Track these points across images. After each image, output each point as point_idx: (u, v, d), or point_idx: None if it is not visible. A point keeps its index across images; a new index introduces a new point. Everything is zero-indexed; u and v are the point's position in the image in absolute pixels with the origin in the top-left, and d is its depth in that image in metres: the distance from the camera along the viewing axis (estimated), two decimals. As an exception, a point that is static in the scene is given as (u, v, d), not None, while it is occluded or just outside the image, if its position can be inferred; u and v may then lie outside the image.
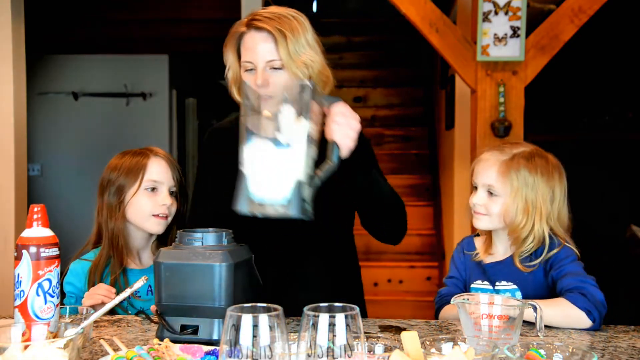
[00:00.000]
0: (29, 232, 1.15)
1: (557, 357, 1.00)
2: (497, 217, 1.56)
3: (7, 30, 3.54)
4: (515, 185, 1.53)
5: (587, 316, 1.39)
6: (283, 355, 0.83)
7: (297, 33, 1.55)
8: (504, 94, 2.97)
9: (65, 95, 6.23)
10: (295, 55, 1.54)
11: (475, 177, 1.61)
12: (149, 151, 1.75)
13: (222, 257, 1.25)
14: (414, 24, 2.99)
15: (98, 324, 1.43)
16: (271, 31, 1.53)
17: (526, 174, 1.53)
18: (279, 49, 1.53)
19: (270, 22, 1.54)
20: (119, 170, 1.72)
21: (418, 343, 0.94)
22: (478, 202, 1.58)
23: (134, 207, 1.71)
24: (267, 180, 1.27)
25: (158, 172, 1.72)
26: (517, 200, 1.53)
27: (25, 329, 1.04)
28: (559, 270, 1.50)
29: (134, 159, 1.73)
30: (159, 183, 1.72)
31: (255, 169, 1.27)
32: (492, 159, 1.58)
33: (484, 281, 1.61)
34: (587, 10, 2.93)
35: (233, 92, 1.68)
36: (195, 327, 1.26)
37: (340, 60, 6.69)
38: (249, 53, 1.56)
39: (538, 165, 1.55)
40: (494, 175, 1.56)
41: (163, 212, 1.71)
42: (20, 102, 3.66)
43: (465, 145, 3.85)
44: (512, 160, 1.55)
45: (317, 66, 1.59)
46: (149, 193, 1.71)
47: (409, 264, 4.89)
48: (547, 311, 1.36)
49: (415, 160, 5.73)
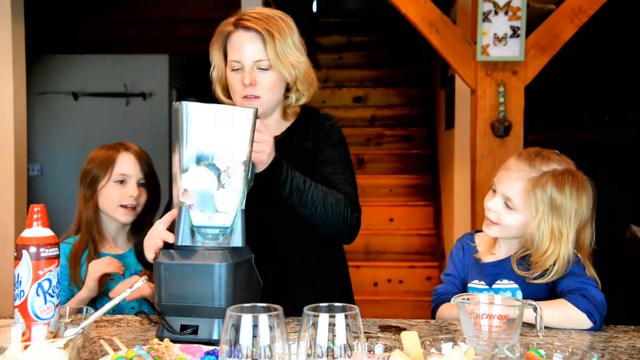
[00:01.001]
0: (29, 232, 1.15)
1: (557, 357, 1.00)
2: (508, 229, 1.53)
3: (7, 30, 3.54)
4: (540, 208, 1.46)
5: (588, 317, 1.39)
6: (283, 355, 0.83)
7: (285, 34, 1.57)
8: (504, 94, 2.97)
9: (65, 95, 6.23)
10: (283, 55, 1.56)
11: (497, 181, 1.55)
12: (120, 146, 1.89)
13: (222, 257, 1.25)
14: (414, 24, 2.99)
15: (98, 324, 1.43)
16: (259, 31, 1.55)
17: (554, 192, 1.46)
18: (267, 49, 1.55)
19: (259, 22, 1.56)
20: (94, 162, 1.87)
21: (418, 343, 0.94)
22: (492, 208, 1.53)
23: (104, 197, 1.85)
24: (208, 209, 1.28)
25: (126, 166, 1.86)
26: (542, 226, 1.46)
27: (25, 329, 1.04)
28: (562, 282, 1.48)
29: (107, 153, 1.87)
30: (127, 176, 1.86)
31: (195, 199, 1.28)
32: (520, 173, 1.51)
33: (480, 281, 1.59)
34: (587, 10, 2.93)
35: (217, 92, 1.70)
36: (195, 327, 1.26)
37: (340, 60, 6.70)
38: (236, 52, 1.57)
39: (567, 184, 1.47)
40: (516, 190, 1.50)
41: (130, 203, 1.85)
42: (20, 102, 3.66)
43: (465, 145, 3.85)
44: (540, 179, 1.48)
45: (303, 67, 1.61)
46: (118, 185, 1.85)
47: (409, 264, 4.89)
48: (548, 312, 1.36)
49: (415, 160, 5.73)
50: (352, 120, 6.03)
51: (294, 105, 1.67)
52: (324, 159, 1.65)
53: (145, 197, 1.89)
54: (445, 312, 1.58)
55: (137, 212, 1.87)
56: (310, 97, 1.67)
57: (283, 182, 1.47)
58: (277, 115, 1.68)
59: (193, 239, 1.29)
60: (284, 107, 1.67)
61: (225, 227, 1.29)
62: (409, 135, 5.94)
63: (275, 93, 1.61)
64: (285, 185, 1.47)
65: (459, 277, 1.67)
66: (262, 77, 1.57)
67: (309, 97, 1.67)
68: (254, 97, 1.58)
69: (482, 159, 2.98)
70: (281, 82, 1.61)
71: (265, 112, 1.63)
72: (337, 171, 1.63)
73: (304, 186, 1.49)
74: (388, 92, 6.36)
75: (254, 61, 1.55)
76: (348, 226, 1.56)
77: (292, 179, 1.47)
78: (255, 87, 1.56)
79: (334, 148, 1.66)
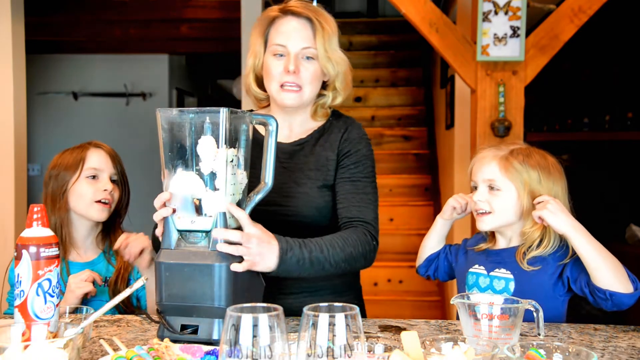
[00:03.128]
0: (29, 232, 1.15)
1: (557, 357, 1.00)
2: (502, 212, 1.54)
3: (7, 30, 3.54)
4: (519, 177, 1.52)
5: (632, 283, 1.39)
6: (283, 355, 0.83)
7: (332, 28, 1.55)
8: (504, 93, 2.97)
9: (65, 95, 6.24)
10: (330, 48, 1.53)
11: (474, 175, 1.60)
12: (88, 144, 1.81)
13: (222, 257, 1.25)
14: (414, 24, 2.99)
15: (98, 323, 1.43)
16: (311, 18, 1.52)
17: (528, 168, 1.52)
18: (316, 37, 1.51)
19: (310, 11, 1.54)
20: (60, 167, 1.77)
21: (418, 343, 0.94)
22: (480, 199, 1.56)
23: (75, 194, 1.75)
24: (192, 213, 1.28)
25: (98, 161, 1.77)
26: (521, 192, 1.52)
27: (25, 329, 1.04)
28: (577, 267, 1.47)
29: (74, 153, 1.78)
30: (99, 170, 1.77)
31: (179, 202, 1.28)
32: (489, 155, 1.58)
33: (480, 266, 1.60)
34: (587, 10, 2.93)
35: (249, 81, 1.63)
36: (196, 327, 1.26)
37: (340, 60, 6.68)
38: (283, 37, 1.52)
39: (537, 161, 1.54)
40: (494, 170, 1.55)
41: (105, 197, 1.75)
42: (20, 102, 3.66)
43: (465, 145, 3.85)
44: (511, 155, 1.55)
45: (344, 67, 1.58)
46: (90, 180, 1.76)
47: (409, 264, 4.89)
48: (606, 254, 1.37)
49: (415, 160, 5.73)
50: (352, 120, 6.03)
51: (328, 104, 1.62)
52: (347, 176, 1.56)
53: (118, 194, 1.80)
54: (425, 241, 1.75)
55: (111, 210, 1.78)
56: (344, 97, 1.63)
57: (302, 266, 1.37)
58: (306, 114, 1.62)
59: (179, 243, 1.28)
60: (316, 107, 1.62)
61: (207, 230, 1.28)
62: (409, 135, 5.94)
63: (315, 86, 1.56)
64: (305, 266, 1.37)
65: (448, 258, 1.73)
66: (306, 66, 1.52)
67: (344, 98, 1.63)
68: (294, 85, 1.52)
69: (482, 159, 2.98)
70: (322, 76, 1.57)
71: (300, 106, 1.57)
72: (359, 190, 1.55)
73: (323, 255, 1.39)
74: (388, 92, 6.36)
75: (301, 48, 1.51)
76: (368, 260, 1.51)
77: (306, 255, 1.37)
78: (298, 75, 1.51)
79: (360, 164, 1.58)
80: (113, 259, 1.79)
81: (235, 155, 1.30)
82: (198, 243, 1.28)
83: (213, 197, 1.27)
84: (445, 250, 1.75)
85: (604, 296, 1.38)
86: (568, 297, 1.53)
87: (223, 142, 1.25)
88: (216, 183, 1.27)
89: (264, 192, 1.36)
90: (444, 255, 1.74)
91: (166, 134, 1.28)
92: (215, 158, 1.26)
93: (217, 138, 1.25)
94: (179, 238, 1.29)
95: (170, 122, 1.28)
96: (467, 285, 1.62)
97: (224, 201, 1.27)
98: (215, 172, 1.26)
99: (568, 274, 1.49)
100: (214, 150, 1.26)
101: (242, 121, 1.32)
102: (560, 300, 1.52)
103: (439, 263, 1.74)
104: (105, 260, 1.79)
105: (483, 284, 1.58)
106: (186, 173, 1.28)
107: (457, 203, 1.67)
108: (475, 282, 1.59)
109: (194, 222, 1.28)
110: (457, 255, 1.70)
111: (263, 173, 1.37)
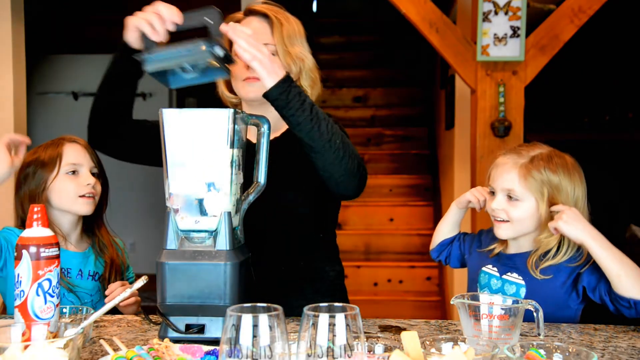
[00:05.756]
0: (29, 232, 1.15)
1: (557, 357, 1.00)
2: (519, 222, 1.52)
3: (7, 30, 3.54)
4: (539, 187, 1.48)
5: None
6: (283, 355, 0.83)
7: (293, 25, 1.58)
8: (504, 94, 2.97)
9: (65, 95, 6.23)
10: (289, 44, 1.55)
11: (492, 181, 1.56)
12: (61, 139, 1.77)
13: (228, 256, 1.25)
14: (414, 24, 2.99)
15: (98, 323, 1.43)
16: (268, 15, 1.56)
17: (549, 174, 1.49)
18: (274, 33, 1.55)
19: (269, 9, 1.58)
20: (35, 164, 1.72)
21: (418, 343, 0.94)
22: (497, 207, 1.53)
23: (57, 192, 1.71)
24: (196, 213, 1.28)
25: (75, 155, 1.73)
26: (540, 203, 1.49)
27: (25, 329, 1.04)
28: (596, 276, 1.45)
29: (48, 150, 1.74)
30: (78, 165, 1.73)
31: (182, 203, 1.28)
32: (510, 162, 1.53)
33: (494, 267, 1.59)
34: (587, 10, 2.93)
35: (220, 87, 1.68)
36: (201, 326, 1.26)
37: (340, 60, 6.69)
38: None
39: (559, 165, 1.50)
40: (514, 179, 1.51)
41: (89, 191, 1.72)
42: (20, 102, 3.66)
43: (465, 145, 3.85)
44: (531, 163, 1.50)
45: (309, 64, 1.60)
46: (70, 176, 1.72)
47: (409, 264, 4.89)
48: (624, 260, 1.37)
49: (415, 160, 5.73)
50: (352, 120, 6.03)
51: None
52: None
53: (99, 187, 1.75)
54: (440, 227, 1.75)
55: (96, 202, 1.74)
56: (313, 97, 1.63)
57: (302, 102, 1.36)
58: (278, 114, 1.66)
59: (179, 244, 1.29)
60: None
61: (212, 230, 1.28)
62: (409, 135, 5.94)
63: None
64: (304, 106, 1.36)
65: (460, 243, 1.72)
66: None
67: (311, 96, 1.63)
68: (254, 78, 1.53)
69: (482, 159, 2.98)
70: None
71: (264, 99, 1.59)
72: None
73: (322, 113, 1.39)
74: (388, 92, 6.36)
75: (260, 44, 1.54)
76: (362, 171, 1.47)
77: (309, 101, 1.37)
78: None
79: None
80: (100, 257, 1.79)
81: (238, 155, 1.31)
82: (202, 243, 1.29)
83: (217, 198, 1.27)
84: (459, 239, 1.74)
85: (628, 305, 1.37)
86: (582, 306, 1.50)
87: (228, 143, 1.26)
88: (220, 183, 1.27)
89: (258, 191, 1.38)
90: (457, 243, 1.73)
91: (169, 134, 1.28)
92: (220, 158, 1.27)
93: (222, 139, 1.26)
94: (182, 238, 1.29)
95: (173, 122, 1.28)
96: (479, 283, 1.61)
97: (228, 201, 1.28)
98: (219, 173, 1.27)
99: (584, 283, 1.46)
100: (219, 151, 1.27)
101: (241, 122, 1.33)
102: (574, 309, 1.50)
103: (452, 250, 1.73)
104: (94, 254, 1.78)
105: (495, 286, 1.56)
106: (189, 173, 1.28)
107: (474, 198, 1.65)
108: (487, 283, 1.58)
109: (198, 222, 1.28)
110: (472, 247, 1.69)
111: (256, 173, 1.39)
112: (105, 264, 1.77)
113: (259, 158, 1.39)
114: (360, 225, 5.13)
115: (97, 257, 1.78)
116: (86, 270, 1.75)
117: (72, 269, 1.72)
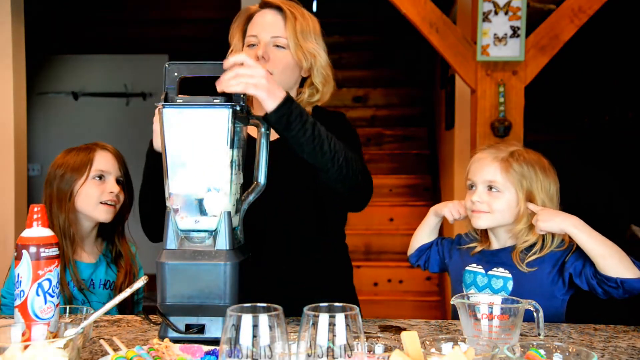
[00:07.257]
0: (29, 232, 1.15)
1: (557, 357, 1.00)
2: (500, 213, 1.55)
3: (7, 30, 3.54)
4: (519, 180, 1.54)
5: (636, 266, 1.40)
6: (283, 355, 0.83)
7: (307, 21, 1.56)
8: (504, 94, 2.97)
9: (65, 95, 6.24)
10: (302, 38, 1.54)
11: (472, 176, 1.61)
12: (95, 145, 1.82)
13: (228, 256, 1.25)
14: (414, 24, 2.99)
15: (98, 323, 1.43)
16: (282, 8, 1.54)
17: (528, 168, 1.55)
18: (287, 26, 1.53)
19: (284, 2, 1.56)
20: (64, 167, 1.77)
21: (418, 343, 0.94)
22: (479, 200, 1.57)
23: (82, 195, 1.75)
24: (196, 213, 1.28)
25: (105, 163, 1.79)
26: (520, 195, 1.54)
27: (25, 329, 1.04)
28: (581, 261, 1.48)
29: (80, 154, 1.79)
30: (105, 172, 1.78)
31: (182, 202, 1.28)
32: (490, 157, 1.59)
33: (478, 265, 1.61)
34: (587, 10, 2.93)
35: None
36: (201, 326, 1.26)
37: (340, 60, 6.69)
38: (255, 27, 1.55)
39: (535, 162, 1.57)
40: (495, 171, 1.56)
41: (111, 199, 1.76)
42: (20, 102, 3.66)
43: (465, 145, 3.85)
44: (512, 157, 1.56)
45: (321, 61, 1.58)
46: (97, 182, 1.77)
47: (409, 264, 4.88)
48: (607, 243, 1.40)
49: (415, 160, 5.73)
50: (352, 120, 5.97)
51: (306, 101, 1.60)
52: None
53: (123, 196, 1.80)
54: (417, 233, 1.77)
55: (116, 211, 1.79)
56: (325, 97, 1.61)
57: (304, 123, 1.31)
58: None
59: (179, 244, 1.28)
60: None
61: (212, 230, 1.28)
62: (409, 135, 5.94)
63: (288, 75, 1.55)
64: (306, 126, 1.31)
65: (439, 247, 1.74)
66: (277, 53, 1.52)
67: (323, 95, 1.61)
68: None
69: (482, 159, 2.98)
70: (296, 68, 1.56)
71: None
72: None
73: (324, 131, 1.34)
74: (388, 92, 6.36)
75: (271, 36, 1.52)
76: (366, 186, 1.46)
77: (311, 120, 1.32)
78: (268, 62, 1.50)
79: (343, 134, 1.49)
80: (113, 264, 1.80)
81: (237, 155, 1.30)
82: (202, 243, 1.29)
83: (217, 198, 1.27)
84: (437, 243, 1.76)
85: (615, 284, 1.40)
86: (567, 296, 1.54)
87: (227, 143, 1.26)
88: (220, 183, 1.27)
89: (258, 192, 1.38)
90: (435, 248, 1.75)
91: (169, 134, 1.28)
92: (220, 158, 1.26)
93: (222, 139, 1.26)
94: (182, 238, 1.29)
95: (173, 121, 1.28)
96: (464, 283, 1.62)
97: (228, 201, 1.28)
98: (219, 173, 1.27)
99: (570, 270, 1.49)
100: (218, 151, 1.26)
101: (242, 121, 1.33)
102: (560, 300, 1.53)
103: (430, 254, 1.76)
104: (105, 262, 1.80)
105: (481, 282, 1.58)
106: (189, 173, 1.28)
107: (450, 216, 1.69)
108: (473, 281, 1.60)
109: (198, 222, 1.28)
110: (451, 250, 1.71)
111: (256, 173, 1.38)
112: (119, 273, 1.79)
113: (259, 158, 1.39)
114: (360, 225, 5.13)
115: (109, 264, 1.80)
116: (97, 280, 1.77)
117: (84, 281, 1.74)
